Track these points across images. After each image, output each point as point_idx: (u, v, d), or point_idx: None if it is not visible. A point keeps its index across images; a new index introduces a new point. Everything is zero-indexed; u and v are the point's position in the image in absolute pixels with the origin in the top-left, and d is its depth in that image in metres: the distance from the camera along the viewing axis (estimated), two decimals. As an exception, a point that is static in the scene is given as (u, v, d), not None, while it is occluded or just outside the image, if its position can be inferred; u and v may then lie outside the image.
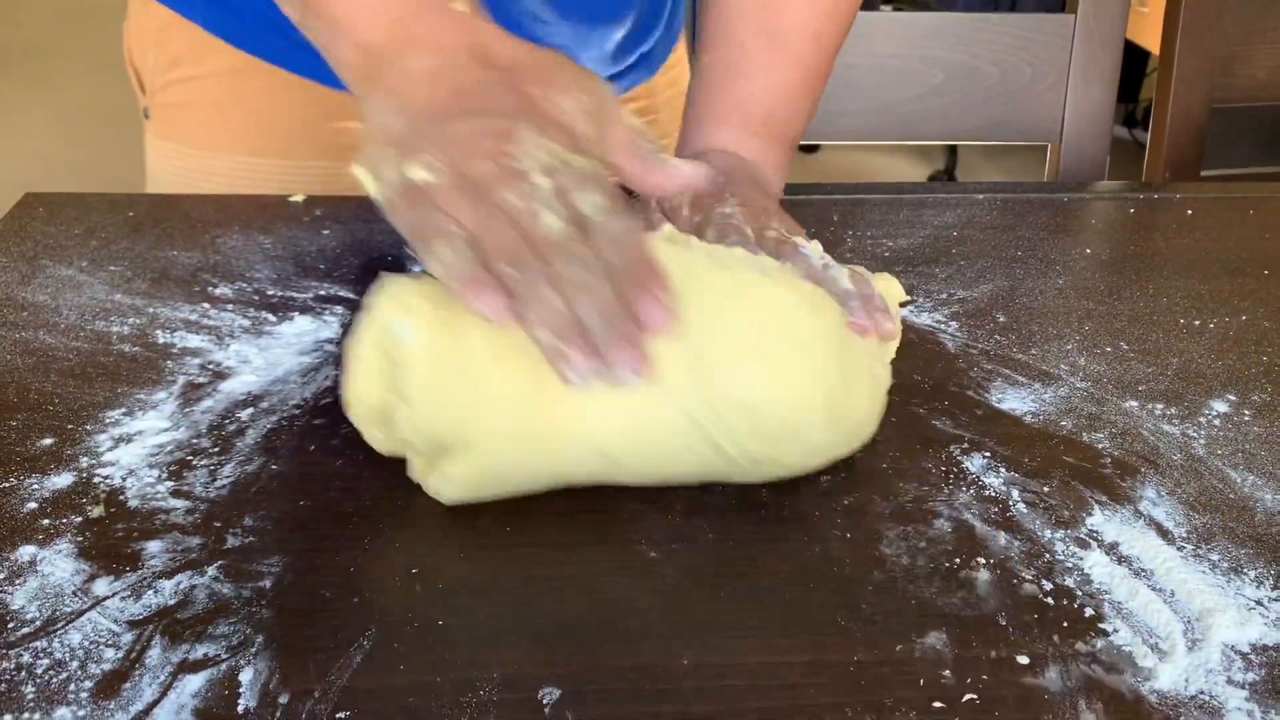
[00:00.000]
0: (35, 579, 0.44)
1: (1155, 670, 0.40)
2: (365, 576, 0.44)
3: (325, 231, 0.70)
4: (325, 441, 0.52)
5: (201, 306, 0.62)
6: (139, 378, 0.56)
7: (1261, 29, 1.04)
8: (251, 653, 0.40)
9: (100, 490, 0.48)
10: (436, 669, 0.40)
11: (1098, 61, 0.99)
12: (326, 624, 0.42)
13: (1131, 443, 0.53)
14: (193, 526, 0.46)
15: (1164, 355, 0.60)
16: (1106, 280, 0.68)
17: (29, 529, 0.46)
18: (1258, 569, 0.45)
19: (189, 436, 0.52)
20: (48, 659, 0.40)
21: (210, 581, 0.44)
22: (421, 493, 0.48)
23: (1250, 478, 0.50)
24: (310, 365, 0.57)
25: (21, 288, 0.63)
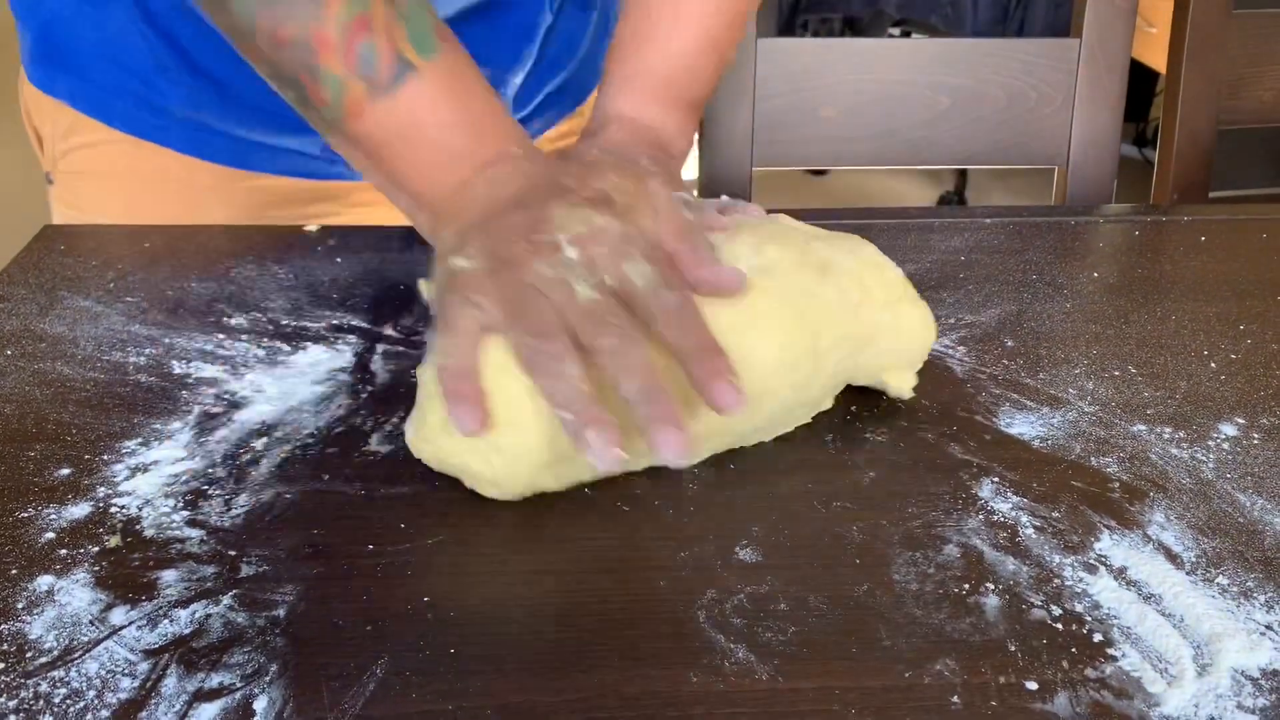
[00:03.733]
0: (53, 608, 0.44)
1: (1164, 696, 0.41)
2: (378, 605, 0.45)
3: (338, 260, 0.71)
4: (338, 470, 0.52)
5: (216, 337, 0.63)
6: (155, 408, 0.56)
7: (1268, 51, 1.04)
8: (266, 681, 0.41)
9: (117, 520, 0.49)
10: (449, 697, 0.40)
11: (1103, 86, 0.99)
12: (340, 652, 0.42)
13: (1140, 467, 0.53)
14: (208, 555, 0.47)
15: (1172, 379, 0.60)
16: (1114, 304, 0.68)
17: (47, 559, 0.47)
18: (1268, 593, 0.45)
19: (204, 466, 0.52)
20: (65, 688, 0.41)
21: (225, 610, 0.44)
22: (433, 522, 0.49)
23: (1260, 501, 0.50)
24: (324, 395, 0.58)
25: (40, 319, 0.64)
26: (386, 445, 0.54)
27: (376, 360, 0.61)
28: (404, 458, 0.53)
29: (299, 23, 0.53)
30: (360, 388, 0.58)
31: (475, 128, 0.55)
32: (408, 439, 0.52)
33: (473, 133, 0.55)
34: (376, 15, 0.53)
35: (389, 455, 0.53)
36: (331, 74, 0.53)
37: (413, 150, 0.55)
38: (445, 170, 0.54)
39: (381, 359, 0.61)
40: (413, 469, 0.52)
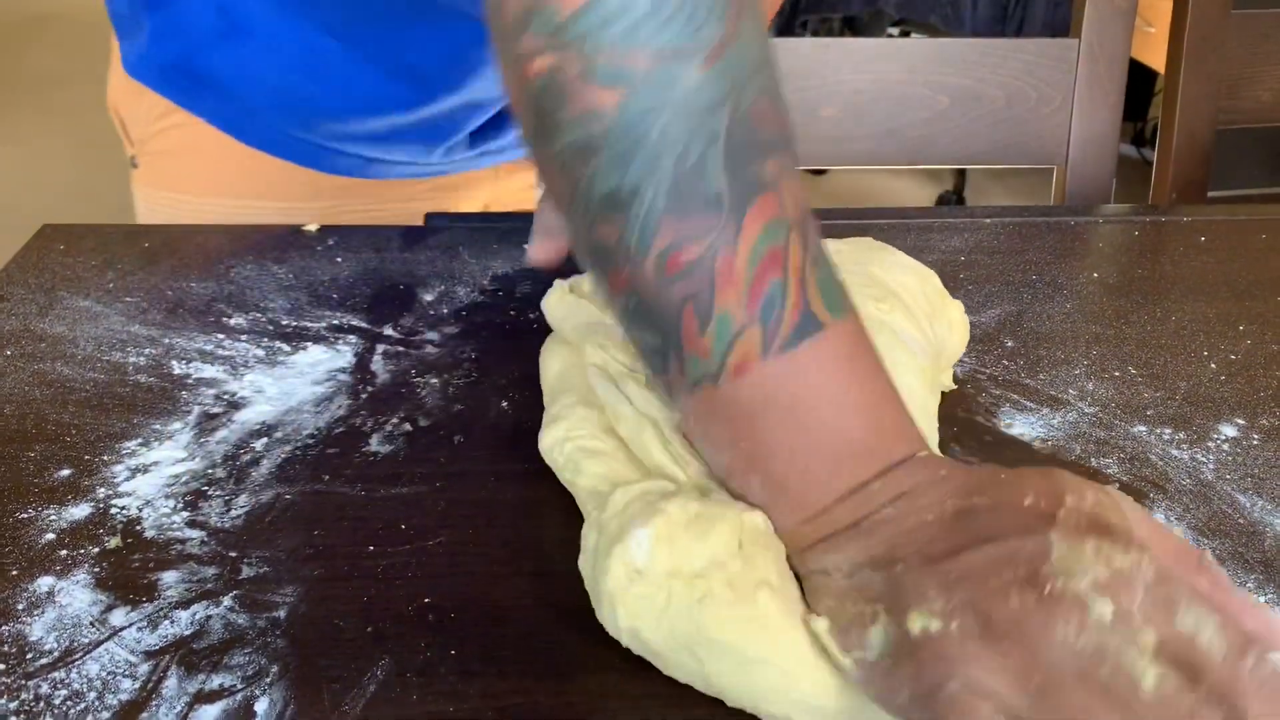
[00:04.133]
0: (53, 610, 0.44)
1: (1165, 697, 0.40)
2: (379, 606, 0.45)
3: (338, 260, 0.71)
4: (338, 471, 0.52)
5: (216, 337, 0.62)
6: (155, 408, 0.56)
7: (1267, 51, 1.04)
8: (266, 683, 0.41)
9: (117, 521, 0.49)
10: (450, 699, 0.40)
11: (1102, 86, 0.99)
12: (340, 654, 0.42)
13: (1140, 467, 0.53)
14: (208, 557, 0.47)
15: (1172, 379, 0.60)
16: (1114, 304, 0.68)
17: (47, 560, 0.47)
18: (1268, 595, 0.45)
19: (204, 467, 0.52)
20: (66, 690, 0.41)
21: (225, 612, 0.44)
22: (434, 523, 0.49)
23: (1260, 502, 0.51)
24: (323, 395, 0.58)
25: (39, 319, 0.64)
26: (386, 446, 0.54)
27: (377, 360, 0.61)
28: (404, 458, 0.53)
29: (706, 244, 0.41)
30: (360, 388, 0.58)
31: (876, 416, 0.42)
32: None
33: (873, 422, 0.42)
34: (793, 251, 0.42)
35: (389, 456, 0.53)
36: (726, 315, 0.41)
37: (797, 428, 0.42)
38: (834, 463, 0.41)
39: (382, 359, 0.61)
40: (413, 470, 0.52)
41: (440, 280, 0.69)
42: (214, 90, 0.79)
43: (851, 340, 0.43)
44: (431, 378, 0.59)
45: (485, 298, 0.68)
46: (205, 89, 0.79)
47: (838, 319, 0.42)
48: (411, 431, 0.55)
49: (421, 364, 0.61)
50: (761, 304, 0.41)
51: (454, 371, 0.60)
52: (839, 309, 0.42)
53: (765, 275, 0.41)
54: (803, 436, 0.42)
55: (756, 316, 0.41)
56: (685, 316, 0.42)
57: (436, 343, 0.63)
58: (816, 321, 0.42)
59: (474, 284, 0.69)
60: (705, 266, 0.41)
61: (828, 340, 0.42)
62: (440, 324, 0.65)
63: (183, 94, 0.80)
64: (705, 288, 0.41)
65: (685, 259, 0.41)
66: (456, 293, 0.68)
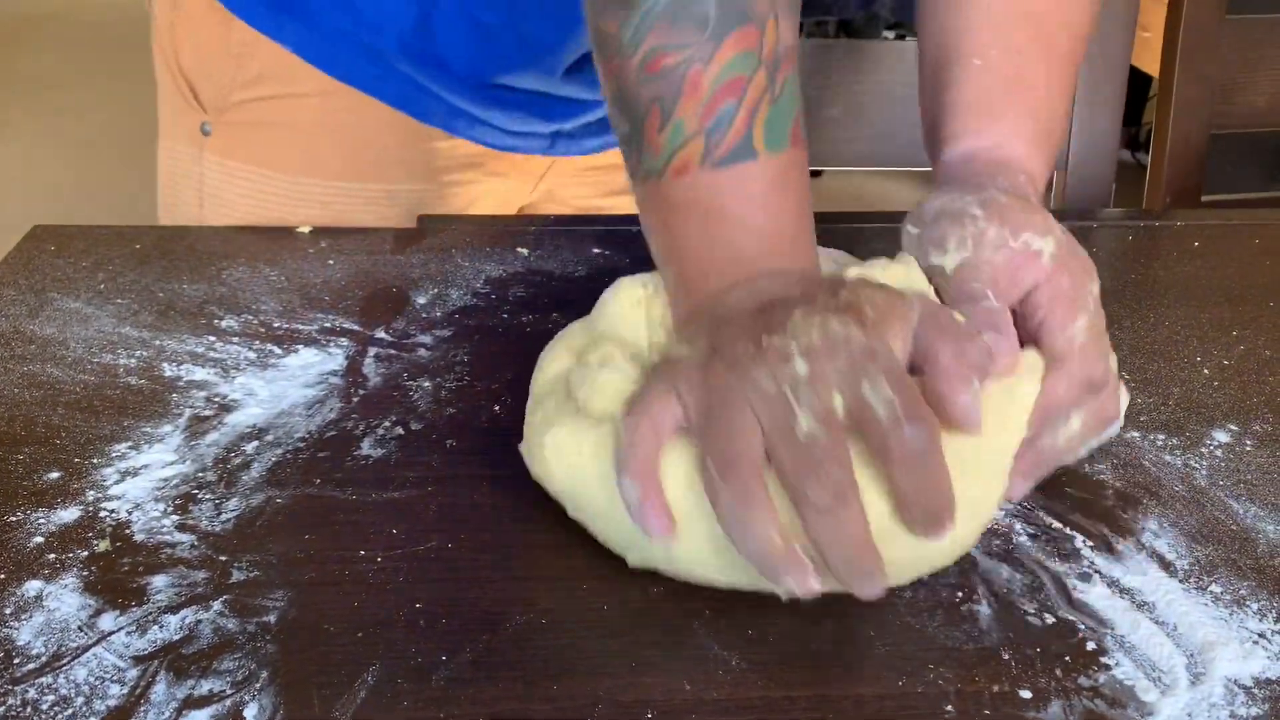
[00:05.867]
0: (41, 614, 0.44)
1: (1158, 704, 0.40)
2: (369, 611, 0.44)
3: (330, 263, 0.71)
4: (329, 475, 0.52)
5: (207, 339, 0.62)
6: (145, 411, 0.56)
7: (1261, 56, 1.04)
8: (256, 688, 0.41)
9: (106, 524, 0.48)
10: (440, 705, 0.40)
11: (1102, 90, 0.99)
12: (330, 659, 0.42)
13: (1133, 473, 0.53)
14: (198, 561, 0.47)
15: (1165, 385, 0.60)
16: (1107, 309, 0.67)
17: (35, 563, 0.46)
18: (1260, 601, 0.45)
19: (194, 470, 0.52)
20: (53, 695, 0.40)
21: (215, 616, 0.44)
22: (425, 528, 0.49)
23: (1253, 509, 0.50)
24: (315, 398, 0.58)
25: (29, 320, 0.64)
26: (378, 450, 0.54)
27: (368, 363, 0.61)
28: (395, 462, 0.53)
29: (684, 57, 0.48)
30: (352, 391, 0.58)
31: (774, 240, 0.49)
32: (535, 447, 0.49)
33: (769, 244, 0.49)
34: (755, 84, 0.48)
35: (380, 460, 0.53)
36: (681, 122, 0.48)
37: (706, 233, 0.49)
38: (725, 265, 0.49)
39: (373, 362, 0.61)
40: (404, 474, 0.52)
41: (433, 283, 0.69)
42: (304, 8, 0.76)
43: (778, 176, 0.49)
44: (424, 381, 0.59)
45: (478, 301, 0.67)
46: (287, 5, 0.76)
47: (772, 153, 0.49)
48: (403, 435, 0.55)
49: (413, 367, 0.60)
50: (713, 120, 0.48)
51: (446, 375, 0.60)
52: (777, 145, 0.49)
53: (722, 97, 0.48)
54: (707, 242, 0.49)
55: (703, 130, 0.48)
56: (651, 114, 0.49)
57: (429, 346, 0.63)
58: (751, 150, 0.48)
59: (467, 287, 0.69)
60: (677, 75, 0.48)
61: (754, 168, 0.48)
62: (433, 327, 0.64)
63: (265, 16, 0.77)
64: (671, 93, 0.48)
65: (664, 63, 0.48)
66: (449, 296, 0.68)
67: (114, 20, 3.95)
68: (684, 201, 0.49)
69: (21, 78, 3.59)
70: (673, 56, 0.48)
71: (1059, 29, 0.59)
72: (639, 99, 0.49)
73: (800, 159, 0.50)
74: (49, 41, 3.90)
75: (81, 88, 3.47)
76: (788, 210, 0.50)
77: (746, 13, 0.48)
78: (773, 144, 0.49)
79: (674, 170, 0.49)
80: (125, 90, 3.37)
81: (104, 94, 3.39)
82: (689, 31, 0.48)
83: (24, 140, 3.14)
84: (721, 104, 0.48)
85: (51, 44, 3.87)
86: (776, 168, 0.49)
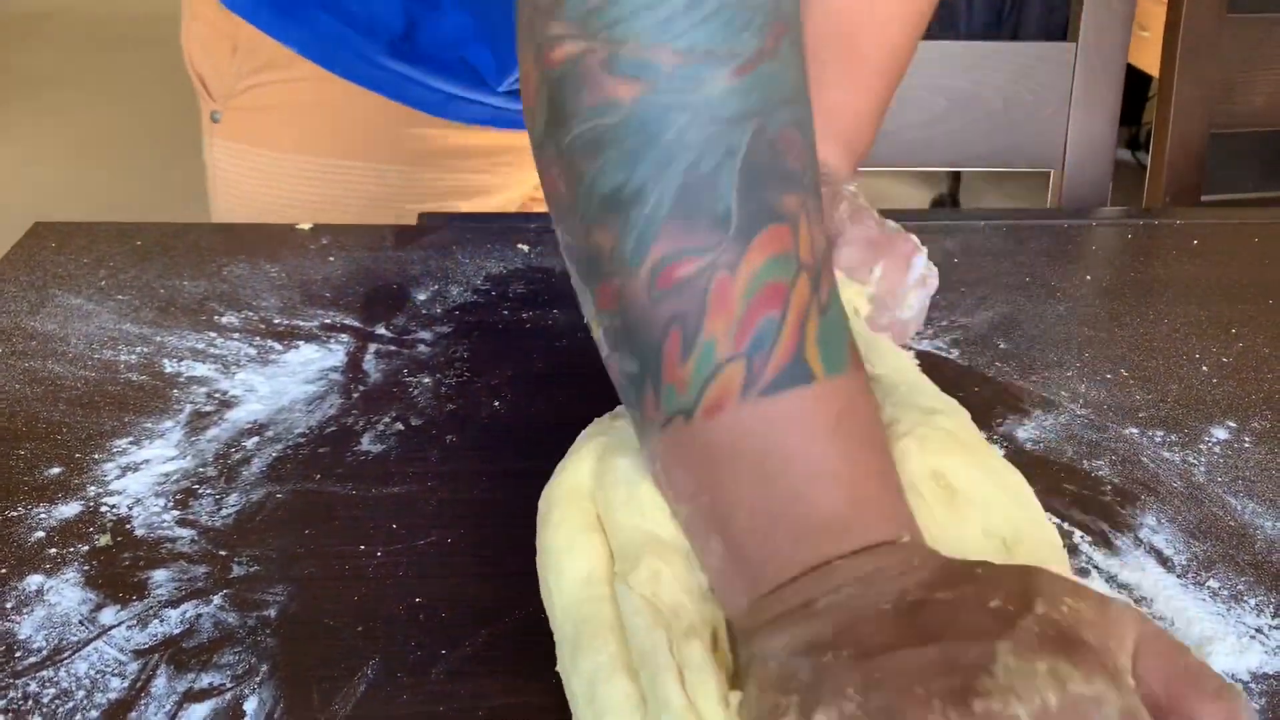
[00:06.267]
0: (42, 608, 0.44)
1: (1155, 699, 0.41)
2: (369, 606, 0.44)
3: (331, 259, 0.71)
4: (330, 470, 0.52)
5: (208, 335, 0.62)
6: (146, 406, 0.56)
7: (1261, 55, 1.04)
8: (256, 682, 0.41)
9: (107, 519, 0.49)
10: (440, 699, 0.40)
11: (1099, 90, 0.99)
12: (330, 653, 0.42)
13: (1131, 470, 0.53)
14: (198, 555, 0.47)
15: (1164, 382, 0.60)
16: (1107, 307, 0.68)
17: (36, 558, 0.46)
18: (1258, 596, 0.45)
19: (195, 465, 0.52)
20: (54, 688, 0.40)
21: (215, 610, 0.44)
22: (425, 522, 0.49)
23: (1250, 505, 0.51)
24: (315, 394, 0.58)
25: (30, 317, 0.64)
26: (378, 445, 0.54)
27: (369, 360, 0.61)
28: (395, 458, 0.53)
29: (705, 263, 0.37)
30: (352, 387, 0.58)
31: (855, 490, 0.38)
32: None
33: (850, 495, 0.38)
34: (798, 293, 0.38)
35: (380, 455, 0.53)
36: (712, 344, 0.38)
37: (764, 485, 0.38)
38: (797, 533, 0.37)
39: (374, 358, 0.61)
40: (405, 469, 0.52)
41: (433, 279, 0.69)
42: (299, 11, 0.81)
43: (845, 401, 0.38)
44: (424, 377, 0.59)
45: (478, 297, 0.67)
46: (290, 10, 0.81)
47: (833, 376, 0.38)
48: (403, 431, 0.55)
49: (414, 363, 0.61)
50: (751, 338, 0.38)
51: (446, 371, 0.60)
52: (838, 366, 0.38)
53: (761, 309, 0.38)
54: (768, 497, 0.37)
55: (743, 351, 0.37)
56: (669, 340, 0.38)
57: (429, 342, 0.63)
58: (807, 371, 0.38)
59: (467, 283, 0.69)
60: (699, 286, 0.38)
61: (815, 395, 0.38)
62: (433, 323, 0.65)
63: (271, 20, 0.82)
64: (695, 309, 0.38)
65: (681, 273, 0.38)
66: (449, 292, 0.68)
67: (113, 18, 3.96)
68: (727, 446, 0.38)
69: (21, 76, 3.59)
70: (690, 264, 0.38)
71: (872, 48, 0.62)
72: (653, 323, 0.38)
73: (864, 385, 0.40)
74: (48, 39, 3.90)
75: (81, 86, 3.47)
76: (871, 446, 0.39)
77: (775, 210, 0.38)
78: (833, 365, 0.38)
79: (709, 407, 0.38)
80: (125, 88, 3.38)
81: (103, 92, 3.39)
82: (706, 233, 0.37)
83: (24, 138, 3.14)
84: (760, 317, 0.38)
85: (51, 42, 3.88)
86: (842, 392, 0.38)
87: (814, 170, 0.40)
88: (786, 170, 0.39)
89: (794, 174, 0.39)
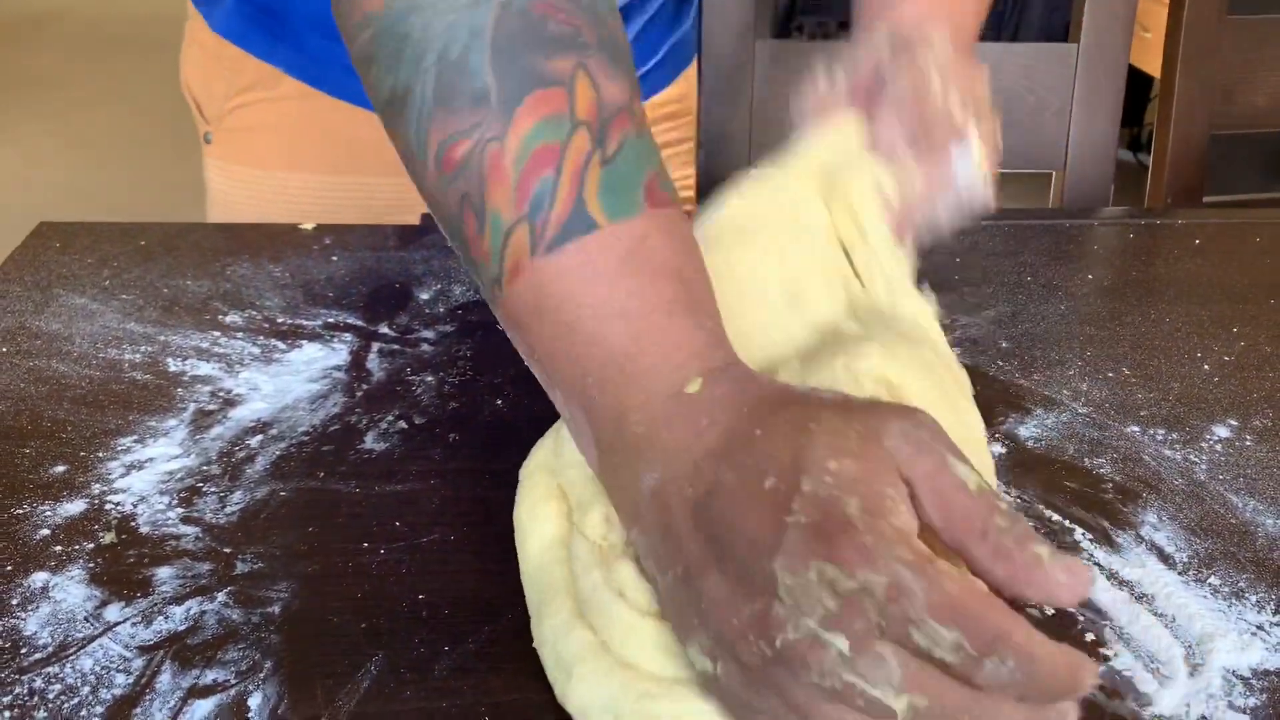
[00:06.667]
0: (48, 605, 0.44)
1: (1156, 695, 0.41)
2: (373, 603, 0.45)
3: (334, 259, 0.71)
4: (333, 468, 0.52)
5: (212, 334, 0.63)
6: (150, 405, 0.56)
7: (1262, 56, 1.04)
8: (260, 678, 0.41)
9: (112, 517, 0.49)
10: (443, 695, 0.40)
11: (1101, 91, 0.99)
12: (334, 650, 0.42)
13: (1133, 468, 0.53)
14: (203, 553, 0.47)
15: (1166, 380, 0.60)
16: (1108, 305, 0.69)
17: (42, 555, 0.47)
18: (1259, 593, 0.45)
19: (199, 463, 0.52)
20: (60, 684, 0.41)
21: (220, 607, 0.44)
22: (428, 520, 0.49)
23: (1252, 502, 0.51)
24: (319, 392, 0.58)
25: (35, 316, 0.64)
26: (381, 443, 0.54)
27: (372, 358, 0.61)
28: (398, 456, 0.53)
29: (475, 140, 0.40)
30: (355, 386, 0.59)
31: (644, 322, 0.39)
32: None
33: (637, 329, 0.39)
34: (572, 149, 0.40)
35: (384, 453, 0.53)
36: (497, 213, 0.40)
37: (568, 339, 0.40)
38: (601, 376, 0.39)
39: (377, 357, 0.61)
40: (408, 467, 0.52)
41: (436, 279, 0.69)
42: (290, 35, 0.81)
43: (633, 241, 0.40)
44: (427, 376, 0.60)
45: (480, 296, 0.68)
46: (281, 34, 0.81)
47: (619, 220, 0.40)
48: (406, 429, 0.55)
49: (417, 362, 0.61)
50: (530, 201, 0.40)
51: (449, 370, 0.60)
52: (625, 211, 0.40)
53: (535, 172, 0.40)
54: (573, 344, 0.40)
55: (525, 214, 0.40)
56: (465, 219, 0.41)
57: (432, 341, 0.63)
58: (589, 221, 0.40)
59: (469, 282, 0.69)
60: (475, 163, 0.40)
61: (598, 242, 0.40)
62: (436, 322, 0.65)
63: (262, 44, 0.82)
64: (476, 185, 0.40)
65: (457, 155, 0.40)
66: (452, 291, 0.68)
67: (117, 20, 3.96)
68: (534, 305, 0.40)
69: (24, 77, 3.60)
70: (463, 145, 0.40)
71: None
72: (450, 206, 0.41)
73: (666, 221, 0.41)
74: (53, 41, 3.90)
75: (84, 86, 3.47)
76: (661, 282, 0.40)
77: (541, 74, 0.40)
78: (617, 211, 0.40)
79: (510, 273, 0.40)
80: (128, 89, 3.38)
81: (106, 92, 3.40)
82: (470, 113, 0.40)
83: (29, 138, 3.14)
84: (535, 180, 0.40)
85: (55, 43, 3.88)
86: (631, 235, 0.40)
87: (598, 26, 0.42)
88: (549, 35, 0.41)
89: (561, 37, 0.41)
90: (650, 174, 0.42)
